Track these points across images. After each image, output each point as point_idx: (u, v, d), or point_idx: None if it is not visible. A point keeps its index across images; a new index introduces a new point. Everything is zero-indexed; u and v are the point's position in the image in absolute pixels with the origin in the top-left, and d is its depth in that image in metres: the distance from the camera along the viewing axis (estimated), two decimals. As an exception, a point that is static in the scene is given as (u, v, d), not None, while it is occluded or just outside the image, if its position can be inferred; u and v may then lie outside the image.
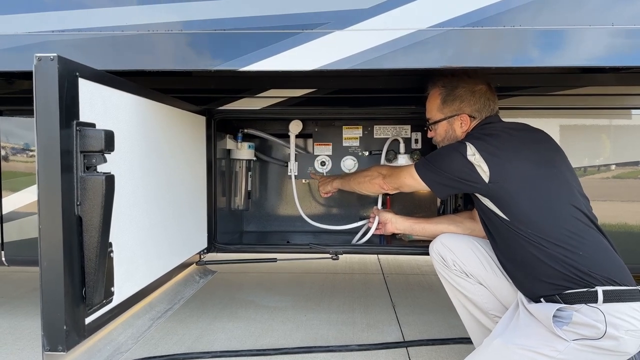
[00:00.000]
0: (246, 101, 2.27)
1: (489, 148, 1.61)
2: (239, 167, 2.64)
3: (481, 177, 1.59)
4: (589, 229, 1.54)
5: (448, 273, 1.79)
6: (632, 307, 1.42)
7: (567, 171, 1.65)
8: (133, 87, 1.52)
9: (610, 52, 1.46)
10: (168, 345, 2.09)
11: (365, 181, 2.03)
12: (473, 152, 1.61)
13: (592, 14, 1.45)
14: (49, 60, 1.11)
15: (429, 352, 2.06)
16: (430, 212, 2.74)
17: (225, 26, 1.51)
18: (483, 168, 1.59)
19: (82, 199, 1.18)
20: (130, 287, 1.52)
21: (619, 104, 2.16)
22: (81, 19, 1.55)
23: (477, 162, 1.60)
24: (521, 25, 1.45)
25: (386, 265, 3.74)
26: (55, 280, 1.13)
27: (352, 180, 2.14)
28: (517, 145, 1.66)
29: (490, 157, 1.59)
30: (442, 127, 1.87)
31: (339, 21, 1.48)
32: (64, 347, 1.15)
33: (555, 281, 1.49)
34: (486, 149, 1.61)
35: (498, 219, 1.60)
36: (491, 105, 1.81)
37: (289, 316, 2.48)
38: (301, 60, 1.50)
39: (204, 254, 2.31)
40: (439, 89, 1.86)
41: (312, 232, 2.70)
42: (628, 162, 2.17)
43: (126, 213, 1.47)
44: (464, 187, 1.67)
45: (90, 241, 1.19)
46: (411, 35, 1.47)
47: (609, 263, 1.49)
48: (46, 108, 1.11)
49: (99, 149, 1.19)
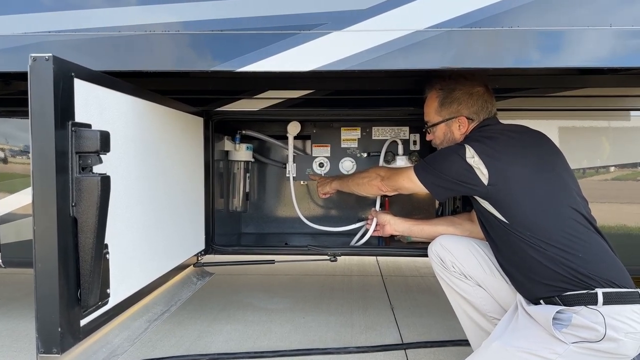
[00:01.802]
0: (244, 102, 2.26)
1: (488, 150, 1.61)
2: (237, 169, 2.63)
3: (480, 180, 1.58)
4: (588, 231, 1.53)
5: (447, 275, 1.79)
6: (631, 310, 1.42)
7: (565, 173, 1.65)
8: (129, 87, 1.51)
9: (608, 53, 1.45)
10: (166, 347, 2.09)
11: (363, 182, 2.02)
12: (472, 154, 1.60)
13: (590, 15, 1.44)
14: (44, 61, 1.10)
15: (427, 354, 2.05)
16: (429, 213, 2.73)
17: (223, 27, 1.51)
18: (482, 170, 1.58)
19: (77, 200, 1.17)
20: (127, 289, 1.51)
21: (618, 105, 2.15)
22: (78, 19, 1.54)
23: (476, 164, 1.59)
24: (519, 26, 1.44)
25: (385, 267, 3.73)
26: (50, 282, 1.12)
27: (350, 182, 2.13)
28: (516, 148, 1.65)
29: (489, 160, 1.58)
30: (440, 130, 1.86)
31: (336, 22, 1.48)
32: (58, 349, 1.14)
33: (555, 283, 1.48)
34: (485, 151, 1.60)
35: (497, 222, 1.60)
36: (489, 107, 1.80)
37: (287, 318, 2.47)
38: (299, 61, 1.49)
39: (201, 256, 2.30)
40: (436, 92, 1.85)
41: (310, 234, 2.69)
42: (627, 163, 2.16)
43: (122, 214, 1.46)
44: (462, 190, 1.66)
45: (85, 242, 1.18)
46: (409, 36, 1.46)
47: (608, 265, 1.49)
48: (41, 108, 1.11)
49: (95, 150, 1.19)
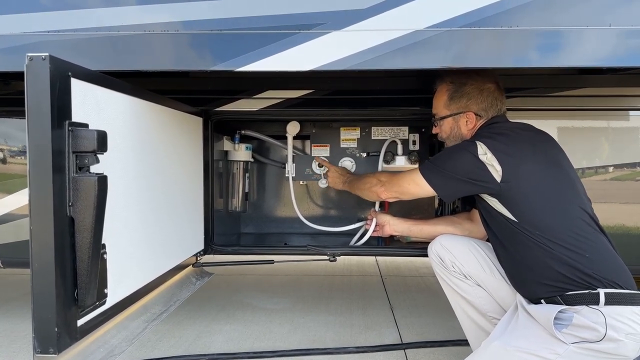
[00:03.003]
0: (243, 102, 2.26)
1: (502, 147, 1.58)
2: (236, 169, 2.63)
3: (493, 177, 1.55)
4: (594, 231, 1.52)
5: (446, 274, 1.78)
6: (633, 311, 1.41)
7: (572, 173, 1.63)
8: (127, 87, 1.51)
9: (608, 53, 1.44)
10: (165, 347, 2.08)
11: (365, 188, 1.99)
12: (484, 151, 1.57)
13: (589, 15, 1.44)
14: (40, 60, 1.10)
15: (426, 354, 2.04)
16: (428, 213, 2.73)
17: (222, 26, 1.51)
18: (495, 167, 1.55)
19: (74, 199, 1.17)
20: (124, 289, 1.50)
21: (618, 105, 2.15)
22: (77, 19, 1.54)
23: (489, 161, 1.56)
24: (518, 26, 1.44)
25: (384, 267, 3.73)
26: (47, 282, 1.12)
27: (354, 186, 2.12)
28: (527, 145, 1.62)
29: (503, 156, 1.56)
30: (447, 124, 1.84)
31: (336, 21, 1.47)
32: (55, 349, 1.13)
33: (558, 283, 1.47)
34: (499, 147, 1.57)
35: (505, 220, 1.57)
36: (498, 105, 1.78)
37: (287, 318, 2.47)
38: (298, 60, 1.48)
39: (200, 256, 2.30)
40: (447, 85, 1.82)
41: (309, 234, 2.68)
42: (626, 163, 2.16)
43: (120, 214, 1.46)
44: (474, 189, 1.62)
45: (82, 242, 1.18)
46: (409, 35, 1.45)
47: (612, 266, 1.48)
48: (38, 108, 1.10)
49: (92, 150, 1.18)
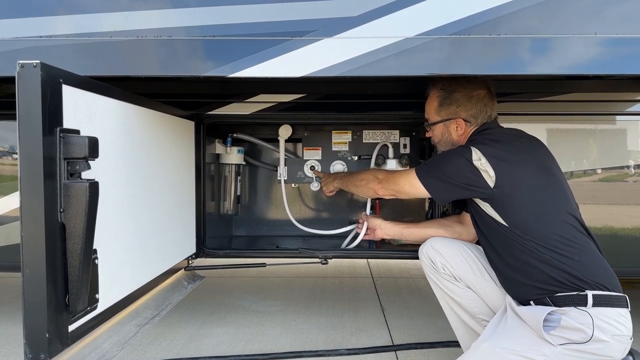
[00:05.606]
0: (235, 106, 2.27)
1: (495, 153, 1.60)
2: (228, 172, 2.63)
3: (486, 182, 1.57)
4: (583, 236, 1.55)
5: (437, 277, 1.80)
6: (619, 313, 1.45)
7: (562, 179, 1.66)
8: (119, 93, 1.51)
9: (593, 60, 1.47)
10: (156, 350, 2.08)
11: (361, 185, 2.00)
12: (479, 156, 1.59)
13: (575, 24, 1.47)
14: (32, 67, 1.10)
15: (417, 355, 2.06)
16: (419, 216, 2.75)
17: (215, 33, 1.51)
18: (489, 173, 1.57)
19: (65, 206, 1.17)
20: (116, 294, 1.50)
21: (604, 109, 2.18)
22: (69, 24, 1.54)
23: (482, 167, 1.58)
24: (507, 34, 1.46)
25: (375, 269, 3.74)
26: (38, 288, 1.12)
27: (349, 182, 2.11)
28: (520, 152, 1.65)
29: (497, 162, 1.58)
30: (438, 129, 1.86)
31: (327, 29, 1.49)
32: (46, 355, 1.13)
33: (547, 286, 1.50)
34: (493, 153, 1.59)
35: (495, 224, 1.59)
36: (488, 112, 1.79)
37: (278, 321, 2.48)
38: (290, 67, 1.50)
39: (192, 259, 2.30)
40: (438, 92, 1.84)
41: (301, 237, 2.69)
42: (613, 167, 2.19)
43: (112, 219, 1.46)
44: (467, 193, 1.64)
45: (73, 248, 1.18)
46: (399, 43, 1.48)
47: (600, 269, 1.51)
48: (29, 115, 1.10)
49: (83, 156, 1.18)
